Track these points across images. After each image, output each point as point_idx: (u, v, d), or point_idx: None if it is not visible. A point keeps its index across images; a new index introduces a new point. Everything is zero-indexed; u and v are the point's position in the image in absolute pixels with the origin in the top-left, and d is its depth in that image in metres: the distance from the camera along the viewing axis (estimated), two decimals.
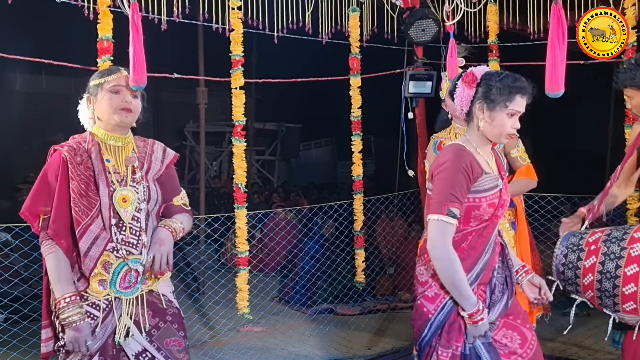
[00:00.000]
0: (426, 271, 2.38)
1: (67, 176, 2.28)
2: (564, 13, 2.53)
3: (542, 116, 8.70)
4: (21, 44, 4.69)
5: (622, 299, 2.52)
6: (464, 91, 2.35)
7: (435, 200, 2.28)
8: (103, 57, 3.72)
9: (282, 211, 7.85)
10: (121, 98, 2.37)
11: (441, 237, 2.25)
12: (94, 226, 2.28)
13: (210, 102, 7.03)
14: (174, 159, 2.57)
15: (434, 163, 2.37)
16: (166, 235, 2.40)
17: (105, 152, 2.38)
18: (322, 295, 6.23)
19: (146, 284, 2.38)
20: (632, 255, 2.53)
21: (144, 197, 2.39)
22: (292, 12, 4.68)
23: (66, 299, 2.24)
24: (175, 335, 2.40)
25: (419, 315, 2.38)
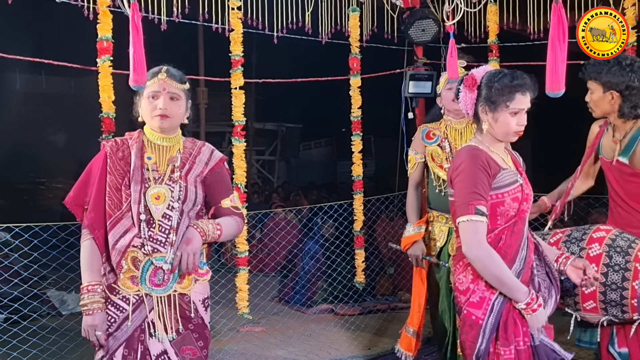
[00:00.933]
0: (465, 278, 2.33)
1: (106, 170, 2.36)
2: (564, 12, 2.53)
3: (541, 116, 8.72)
4: (21, 44, 4.70)
5: (582, 298, 2.60)
6: (466, 95, 2.38)
7: (460, 202, 2.26)
8: (103, 57, 3.72)
9: (282, 211, 7.85)
10: (157, 104, 2.39)
11: (475, 237, 2.23)
12: (125, 220, 2.33)
13: (210, 102, 7.06)
14: (221, 161, 2.57)
15: (450, 167, 2.36)
16: (194, 235, 2.37)
17: (148, 149, 2.43)
18: (322, 295, 6.23)
19: (180, 284, 2.39)
20: (590, 255, 2.60)
21: (180, 196, 2.40)
22: (292, 12, 4.68)
23: (90, 286, 2.31)
24: (193, 344, 2.41)
25: (469, 325, 2.30)
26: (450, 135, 3.56)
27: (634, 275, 2.50)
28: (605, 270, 2.54)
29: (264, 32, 4.63)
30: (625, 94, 2.80)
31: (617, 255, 2.55)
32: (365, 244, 5.40)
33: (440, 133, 3.58)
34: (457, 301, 2.38)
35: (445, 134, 3.57)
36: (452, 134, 3.56)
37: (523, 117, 2.34)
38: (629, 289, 2.50)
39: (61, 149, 10.43)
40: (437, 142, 3.57)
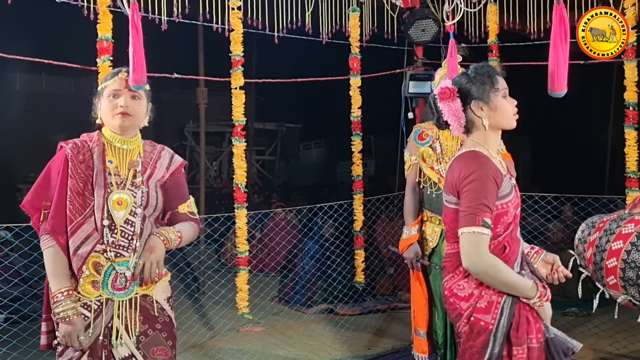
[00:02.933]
0: (467, 284, 2.24)
1: (67, 173, 2.29)
2: (566, 12, 2.52)
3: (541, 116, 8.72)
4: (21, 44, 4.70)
5: (605, 272, 2.60)
6: (451, 107, 2.29)
7: (468, 212, 2.18)
8: (103, 57, 3.72)
9: (282, 211, 7.84)
10: (118, 102, 2.36)
11: (476, 250, 2.16)
12: (87, 225, 2.28)
13: (210, 102, 7.03)
14: (181, 166, 2.55)
15: (458, 174, 2.25)
16: (157, 243, 2.36)
17: (109, 153, 2.38)
18: (322, 295, 6.22)
19: (141, 287, 2.36)
20: (622, 232, 2.59)
21: (142, 202, 2.37)
22: (292, 12, 4.68)
23: (63, 292, 2.25)
24: (163, 344, 2.38)
25: (477, 331, 2.21)
26: (442, 136, 3.55)
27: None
28: (629, 248, 2.53)
29: (264, 32, 4.63)
30: None
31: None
32: (365, 244, 5.41)
33: (432, 134, 3.58)
34: (453, 307, 2.28)
35: (437, 135, 3.56)
36: (443, 134, 3.55)
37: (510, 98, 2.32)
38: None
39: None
40: (428, 143, 3.56)
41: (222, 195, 11.15)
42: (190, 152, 14.47)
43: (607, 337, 4.70)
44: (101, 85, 2.41)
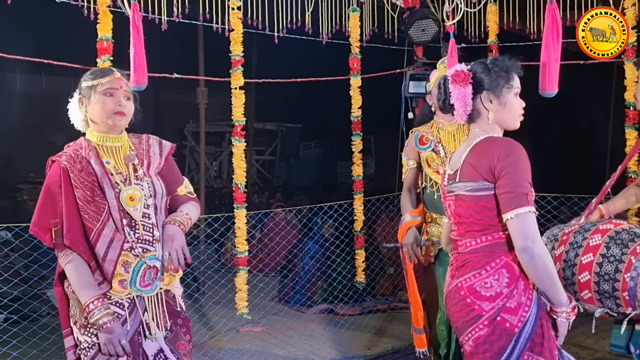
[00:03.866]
0: (497, 282, 2.09)
1: (71, 185, 2.27)
2: (559, 12, 2.52)
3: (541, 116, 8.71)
4: (21, 44, 4.70)
5: (579, 287, 2.55)
6: (461, 91, 2.21)
7: (517, 192, 2.05)
8: (103, 57, 3.72)
9: (282, 211, 7.84)
10: (115, 101, 2.35)
11: (534, 231, 2.02)
12: (107, 230, 2.28)
13: (210, 102, 7.03)
14: (172, 149, 2.57)
15: (493, 156, 2.11)
16: (175, 230, 2.40)
17: (103, 154, 2.37)
18: (322, 295, 6.23)
19: (163, 281, 2.39)
20: (590, 244, 2.57)
21: (150, 192, 2.39)
22: (292, 12, 4.68)
23: (94, 302, 2.23)
24: (183, 339, 2.42)
25: (500, 334, 2.06)
26: (444, 139, 3.53)
27: (626, 267, 2.46)
28: (600, 260, 2.51)
29: (264, 32, 4.63)
30: None
31: (616, 247, 2.52)
32: (365, 244, 5.40)
33: (433, 137, 3.56)
34: (469, 308, 2.12)
35: (438, 138, 3.54)
36: (445, 137, 3.53)
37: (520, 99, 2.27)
38: (620, 281, 2.47)
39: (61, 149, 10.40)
40: (431, 148, 3.55)
41: (222, 195, 11.15)
42: (190, 152, 14.46)
43: (607, 337, 4.70)
44: (92, 82, 2.36)
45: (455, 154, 2.34)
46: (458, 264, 2.22)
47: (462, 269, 2.18)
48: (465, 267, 2.17)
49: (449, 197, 2.30)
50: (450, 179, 2.28)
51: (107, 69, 2.48)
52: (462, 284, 2.16)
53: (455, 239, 2.28)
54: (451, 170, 2.29)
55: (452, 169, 2.28)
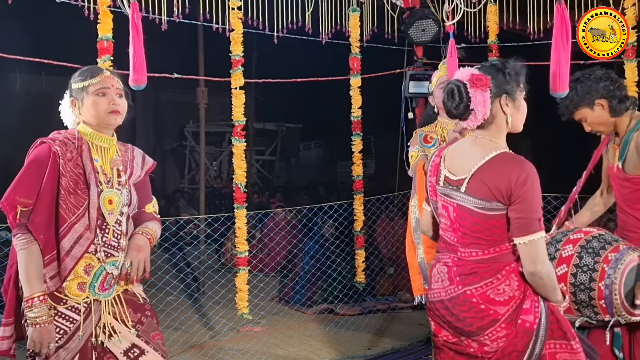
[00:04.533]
0: (508, 287, 2.14)
1: (57, 171, 2.24)
2: (567, 13, 2.52)
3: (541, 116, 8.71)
4: (21, 44, 4.70)
5: None
6: (482, 95, 2.15)
7: (533, 218, 2.10)
8: (103, 57, 3.72)
9: (282, 211, 7.85)
10: (108, 100, 2.33)
11: (544, 255, 2.13)
12: (79, 225, 2.24)
13: (210, 102, 7.03)
14: (153, 166, 2.56)
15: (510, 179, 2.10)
16: (144, 242, 2.39)
17: (93, 151, 2.35)
18: (322, 295, 6.22)
19: (119, 284, 2.37)
20: (562, 256, 2.58)
21: (127, 201, 2.39)
22: (292, 12, 4.68)
23: (39, 297, 2.18)
24: (157, 329, 2.42)
25: (522, 334, 2.14)
26: (448, 138, 3.51)
27: (600, 276, 2.49)
28: (574, 271, 2.53)
29: (264, 32, 4.63)
30: (607, 96, 2.76)
31: (588, 256, 2.54)
32: (365, 244, 5.40)
33: (437, 137, 3.54)
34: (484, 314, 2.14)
35: (443, 137, 3.53)
36: (448, 136, 3.53)
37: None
38: (596, 290, 2.49)
39: None
40: (435, 146, 3.52)
41: (222, 195, 11.15)
42: (190, 152, 14.46)
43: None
44: (82, 84, 2.35)
45: (459, 158, 2.26)
46: (462, 271, 2.20)
47: (471, 277, 2.18)
48: (475, 276, 2.17)
49: (444, 199, 2.27)
50: (452, 184, 2.23)
51: (96, 67, 2.46)
52: (472, 292, 2.16)
53: (452, 242, 2.26)
54: (453, 175, 2.24)
55: (455, 175, 2.23)
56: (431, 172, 2.35)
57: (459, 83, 2.20)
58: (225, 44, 4.45)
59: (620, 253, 2.52)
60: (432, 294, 2.30)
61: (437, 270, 2.29)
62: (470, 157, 2.21)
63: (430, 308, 2.32)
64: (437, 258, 2.33)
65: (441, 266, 2.27)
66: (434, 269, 2.32)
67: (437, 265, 2.30)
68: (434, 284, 2.30)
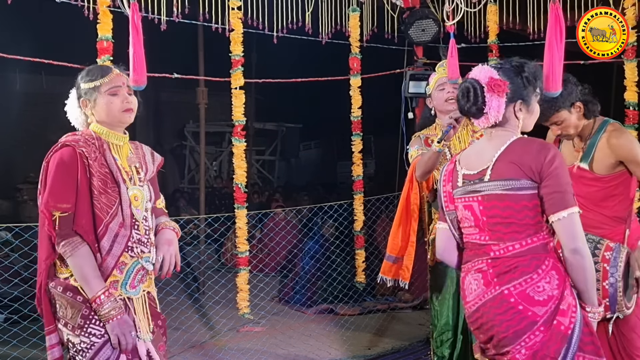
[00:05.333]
0: (549, 285, 2.03)
1: (87, 172, 2.24)
2: (562, 12, 2.52)
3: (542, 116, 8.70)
4: (21, 44, 4.70)
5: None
6: (498, 101, 2.12)
7: (567, 192, 2.03)
8: (103, 57, 3.72)
9: (282, 211, 7.84)
10: (122, 99, 2.34)
11: (582, 231, 2.03)
12: (114, 224, 2.26)
13: (210, 102, 7.02)
14: (162, 162, 2.58)
15: (540, 156, 2.06)
16: (173, 236, 2.44)
17: (112, 150, 2.37)
18: (322, 295, 6.22)
19: (144, 283, 2.38)
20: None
21: (148, 196, 2.41)
22: (292, 12, 4.68)
23: (104, 293, 2.20)
24: (162, 340, 2.43)
25: (556, 337, 2.01)
26: (442, 125, 3.49)
27: (603, 276, 2.54)
28: None
29: (264, 32, 4.63)
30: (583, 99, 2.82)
31: None
32: (365, 244, 5.40)
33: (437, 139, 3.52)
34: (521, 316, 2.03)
35: None
36: (443, 123, 3.50)
37: None
38: (600, 290, 2.54)
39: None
40: None
41: (222, 195, 11.15)
42: (190, 152, 14.45)
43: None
44: (94, 84, 2.33)
45: (475, 155, 2.22)
46: (499, 270, 2.08)
47: (509, 275, 2.06)
48: (514, 273, 2.06)
49: (466, 199, 2.19)
50: (472, 179, 2.16)
51: (105, 66, 2.46)
52: (510, 290, 2.05)
53: (483, 243, 2.15)
54: (471, 170, 2.18)
55: (473, 170, 2.18)
56: (445, 181, 2.28)
57: (475, 84, 2.14)
58: (225, 44, 4.45)
59: (614, 251, 2.59)
60: (468, 307, 2.17)
61: (469, 281, 2.17)
62: (489, 149, 2.17)
63: (469, 322, 2.20)
64: (465, 269, 2.20)
65: (474, 274, 2.15)
66: (465, 283, 2.19)
67: (468, 276, 2.18)
68: (468, 297, 2.17)
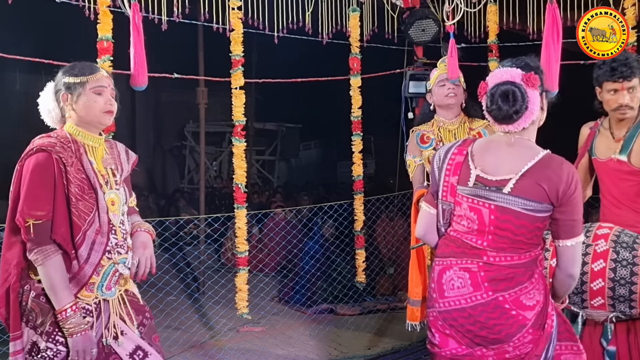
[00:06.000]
0: (538, 291, 2.13)
1: (64, 178, 2.18)
2: (559, 12, 2.53)
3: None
4: (21, 44, 4.70)
5: (590, 294, 2.58)
6: (535, 96, 2.10)
7: (580, 220, 2.12)
8: (103, 57, 3.72)
9: (282, 211, 7.84)
10: (105, 100, 2.31)
11: (580, 257, 2.21)
12: (90, 231, 2.21)
13: (210, 102, 7.03)
14: (136, 160, 2.53)
15: (565, 182, 2.06)
16: (147, 238, 2.41)
17: (88, 153, 2.31)
18: (322, 295, 6.23)
19: (119, 284, 2.35)
20: (597, 251, 2.59)
21: (124, 199, 2.37)
22: (292, 12, 4.68)
23: (71, 307, 2.16)
24: (156, 332, 2.43)
25: (545, 338, 2.14)
26: (445, 138, 3.49)
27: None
28: (613, 265, 2.54)
29: (264, 32, 4.63)
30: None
31: (624, 250, 2.55)
32: (365, 244, 5.40)
33: (434, 136, 3.52)
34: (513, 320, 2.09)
35: (440, 137, 3.51)
36: (445, 135, 3.51)
37: None
38: (638, 284, 2.51)
39: None
40: (432, 146, 3.51)
41: (222, 195, 11.14)
42: (190, 152, 14.45)
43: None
44: (80, 79, 2.30)
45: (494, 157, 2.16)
46: (495, 276, 2.10)
47: (505, 283, 2.09)
48: (510, 282, 2.09)
49: (474, 201, 2.14)
50: (489, 185, 2.12)
51: (93, 65, 2.43)
52: (505, 297, 2.09)
53: (476, 246, 2.14)
54: (490, 176, 2.13)
55: (493, 176, 2.12)
56: (451, 171, 2.20)
57: (515, 85, 2.09)
58: (225, 44, 4.45)
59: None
60: (447, 302, 2.16)
61: (452, 277, 2.16)
62: (512, 158, 2.12)
63: (441, 318, 2.17)
64: (447, 264, 2.19)
65: (459, 272, 2.14)
66: (446, 276, 2.17)
67: (449, 271, 2.17)
68: (448, 292, 2.16)
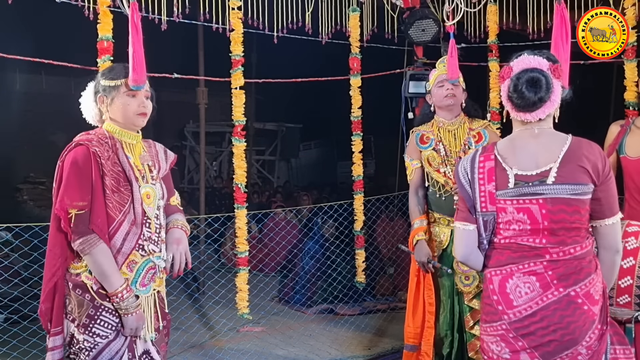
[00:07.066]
0: (600, 283, 2.07)
1: (100, 171, 2.28)
2: (567, 12, 2.52)
3: None
4: (21, 44, 4.69)
5: (617, 292, 2.60)
6: (558, 86, 2.12)
7: (617, 198, 2.10)
8: (103, 57, 3.72)
9: (282, 211, 7.84)
10: (138, 102, 2.39)
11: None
12: (126, 222, 2.30)
13: (210, 102, 7.03)
14: (175, 160, 2.63)
15: (602, 162, 2.06)
16: (182, 234, 2.47)
17: (125, 149, 2.40)
18: (322, 295, 6.23)
19: (155, 282, 2.40)
20: (627, 248, 2.57)
21: (161, 194, 2.44)
22: (292, 12, 4.68)
23: (127, 288, 2.26)
24: (164, 341, 2.47)
25: (605, 338, 2.08)
26: (444, 138, 3.49)
27: None
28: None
29: (264, 32, 4.63)
30: None
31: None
32: (365, 244, 5.40)
33: (433, 136, 3.52)
34: (585, 316, 2.01)
35: (439, 137, 3.51)
36: (445, 136, 3.50)
37: None
38: None
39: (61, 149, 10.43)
40: (431, 147, 3.50)
41: (222, 195, 11.14)
42: (190, 152, 14.46)
43: None
44: (115, 82, 2.37)
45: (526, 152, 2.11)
46: (563, 271, 2.03)
47: (574, 276, 2.03)
48: (579, 274, 2.03)
49: (521, 200, 2.08)
50: (530, 180, 2.07)
51: (128, 67, 2.45)
52: (577, 292, 2.02)
53: (535, 246, 2.07)
54: (526, 171, 2.08)
55: (532, 170, 2.08)
56: (485, 179, 2.13)
57: (543, 73, 2.09)
58: (225, 44, 4.45)
59: None
60: (517, 312, 2.06)
61: (517, 284, 2.07)
62: (544, 148, 2.10)
63: (512, 329, 2.06)
64: (507, 272, 2.10)
65: (524, 277, 2.06)
66: (509, 285, 2.08)
67: (514, 278, 2.08)
68: (517, 300, 2.07)
